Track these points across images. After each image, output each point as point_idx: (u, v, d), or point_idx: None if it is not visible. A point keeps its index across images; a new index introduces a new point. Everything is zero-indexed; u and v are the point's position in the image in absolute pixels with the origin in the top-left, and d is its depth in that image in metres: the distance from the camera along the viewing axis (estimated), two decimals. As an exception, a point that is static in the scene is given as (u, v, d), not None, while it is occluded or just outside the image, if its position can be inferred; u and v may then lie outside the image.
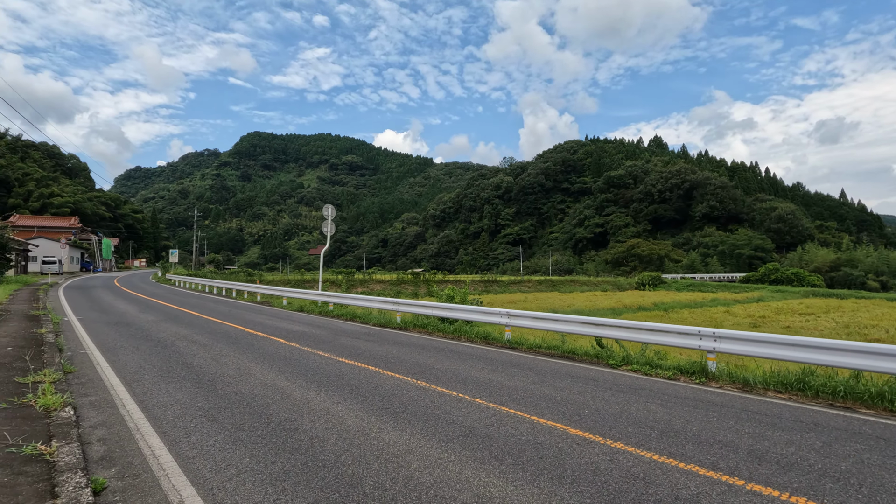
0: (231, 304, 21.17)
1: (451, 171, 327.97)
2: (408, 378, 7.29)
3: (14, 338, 9.47)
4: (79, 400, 5.80)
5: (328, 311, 16.85)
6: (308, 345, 10.23)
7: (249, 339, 10.97)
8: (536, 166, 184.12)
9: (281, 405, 5.75)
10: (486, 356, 9.43)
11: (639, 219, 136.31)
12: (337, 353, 9.34)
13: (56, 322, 12.72)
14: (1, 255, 28.03)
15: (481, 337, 11.40)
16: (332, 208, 19.43)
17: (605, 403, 6.11)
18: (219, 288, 28.78)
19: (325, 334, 11.94)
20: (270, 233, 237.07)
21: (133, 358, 8.53)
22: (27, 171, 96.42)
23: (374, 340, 11.09)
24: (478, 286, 64.70)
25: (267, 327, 13.09)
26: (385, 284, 57.94)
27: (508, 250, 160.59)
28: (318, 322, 14.61)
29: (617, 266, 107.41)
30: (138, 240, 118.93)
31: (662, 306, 38.95)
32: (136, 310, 17.11)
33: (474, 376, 7.53)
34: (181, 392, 6.29)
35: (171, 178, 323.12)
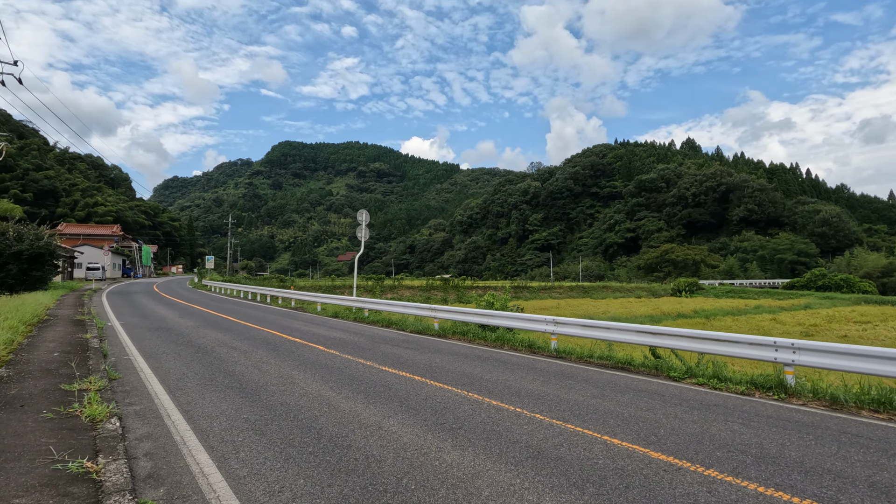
0: (266, 309, 21.26)
1: (478, 177, 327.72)
2: (457, 389, 6.86)
3: (60, 343, 9.53)
4: (124, 409, 5.61)
5: (363, 318, 16.63)
6: (348, 352, 9.94)
7: (288, 345, 10.78)
8: (565, 171, 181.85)
9: (329, 418, 5.41)
10: (534, 366, 8.92)
11: (672, 223, 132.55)
12: (379, 361, 9.01)
13: (100, 327, 12.88)
14: (49, 262, 29.09)
15: (526, 345, 10.88)
16: (366, 213, 19.29)
17: (680, 422, 5.53)
18: (253, 294, 29.11)
19: (363, 341, 11.65)
20: (300, 240, 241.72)
21: (175, 365, 8.40)
22: (74, 182, 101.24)
23: (414, 348, 10.73)
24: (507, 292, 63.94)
25: (304, 333, 12.92)
26: (415, 290, 57.86)
27: (536, 256, 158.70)
28: (355, 328, 14.37)
29: (650, 272, 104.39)
30: (175, 247, 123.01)
31: (703, 313, 37.36)
32: (175, 315, 17.31)
33: (527, 388, 7.04)
34: (225, 402, 6.05)
35: (207, 187, 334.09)
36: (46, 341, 9.72)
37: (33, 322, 12.06)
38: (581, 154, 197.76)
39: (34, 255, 27.40)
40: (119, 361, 8.62)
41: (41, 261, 28.26)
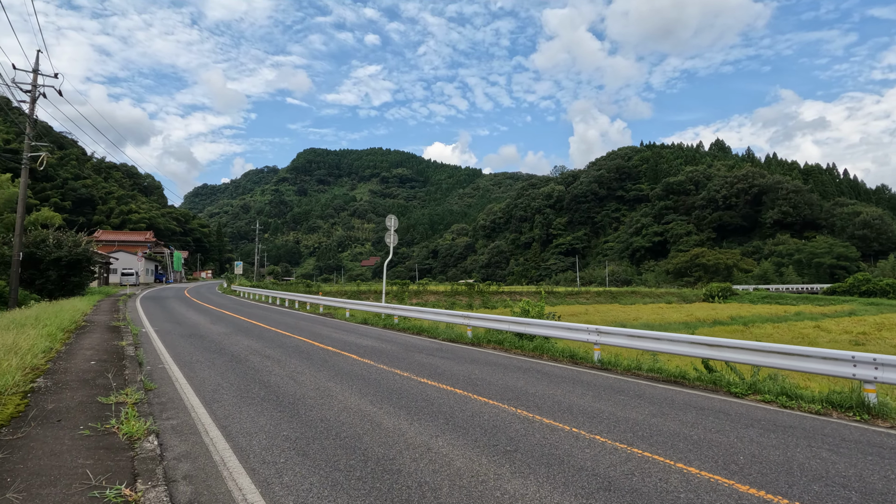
0: (294, 315, 21.23)
1: (500, 181, 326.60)
2: (504, 405, 6.44)
3: (97, 350, 9.50)
4: (161, 424, 5.39)
5: (393, 325, 16.35)
6: (383, 362, 9.63)
7: (321, 354, 10.54)
8: (589, 174, 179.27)
9: (374, 437, 5.07)
10: (579, 378, 8.42)
11: (702, 226, 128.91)
12: (415, 372, 8.65)
13: (135, 333, 12.93)
14: (86, 268, 29.89)
15: (567, 356, 10.37)
16: (394, 218, 19.06)
17: (759, 447, 4.98)
18: (281, 299, 29.26)
19: (396, 350, 11.33)
20: (325, 245, 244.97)
21: (210, 374, 8.23)
22: (109, 190, 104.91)
23: (450, 358, 10.34)
24: (534, 297, 63.04)
25: (335, 341, 12.69)
26: (439, 296, 57.56)
27: (561, 260, 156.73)
28: (386, 336, 14.09)
29: (679, 276, 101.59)
30: (205, 252, 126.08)
31: (740, 320, 35.84)
32: (207, 321, 17.37)
33: (578, 404, 6.57)
34: (263, 416, 5.77)
35: (234, 194, 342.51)
36: (83, 349, 9.71)
37: (71, 328, 12.18)
38: (606, 157, 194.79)
39: (72, 261, 28.18)
40: (154, 370, 8.50)
41: (79, 267, 29.06)
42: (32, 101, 24.63)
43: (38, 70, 24.75)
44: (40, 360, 7.62)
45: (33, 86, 24.62)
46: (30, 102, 24.51)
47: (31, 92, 24.58)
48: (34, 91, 24.65)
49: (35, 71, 24.65)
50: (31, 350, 7.68)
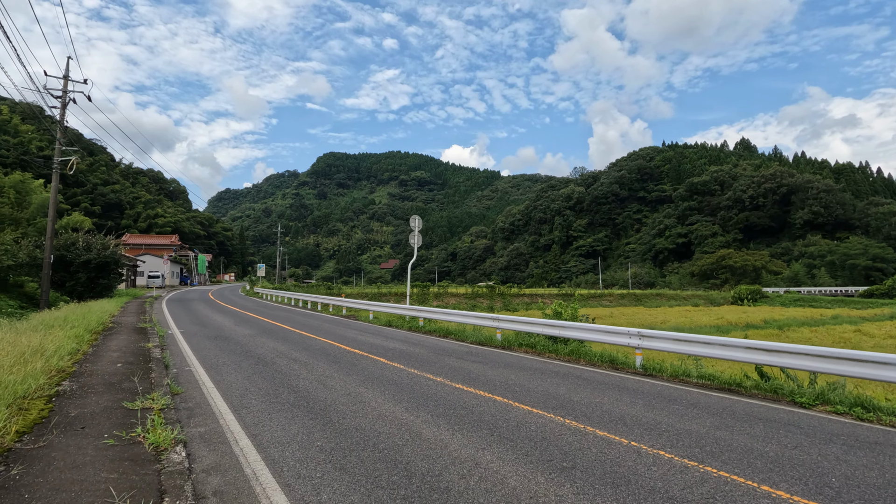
0: (318, 317, 21.05)
1: (519, 183, 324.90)
2: (550, 414, 5.96)
3: (123, 352, 9.34)
4: (188, 431, 5.08)
5: (418, 327, 15.97)
6: (413, 366, 9.23)
7: (349, 357, 10.20)
8: (610, 175, 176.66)
9: (415, 449, 4.66)
10: (623, 385, 7.87)
11: (728, 227, 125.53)
12: (449, 377, 8.22)
13: (161, 335, 12.83)
14: (114, 271, 30.36)
15: (606, 360, 9.81)
16: (418, 219, 18.72)
17: (850, 467, 4.40)
18: (304, 301, 29.21)
19: (425, 353, 10.93)
20: (344, 248, 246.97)
21: (237, 378, 7.94)
22: (137, 195, 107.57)
23: (482, 362, 9.89)
24: (555, 300, 62.07)
25: (362, 344, 12.36)
26: (460, 298, 57.12)
27: (581, 263, 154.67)
28: (412, 339, 13.70)
29: (705, 279, 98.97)
30: (228, 255, 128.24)
31: (775, 324, 34.46)
32: (231, 323, 17.28)
33: (630, 414, 6.04)
34: (294, 424, 5.42)
35: (256, 198, 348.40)
36: (110, 350, 9.57)
37: (98, 330, 12.13)
38: (627, 157, 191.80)
39: (101, 263, 28.64)
40: (180, 373, 8.26)
41: (107, 269, 29.53)
42: (63, 107, 25.12)
43: (69, 76, 25.24)
44: (66, 363, 7.45)
45: (64, 91, 25.11)
46: (60, 108, 25.00)
47: (62, 97, 25.07)
48: (64, 97, 25.13)
49: (65, 77, 25.14)
50: (58, 352, 7.52)
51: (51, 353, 7.11)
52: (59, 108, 25.01)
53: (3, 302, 27.44)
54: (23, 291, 31.35)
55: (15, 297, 29.74)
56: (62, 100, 25.10)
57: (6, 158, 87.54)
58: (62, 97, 25.13)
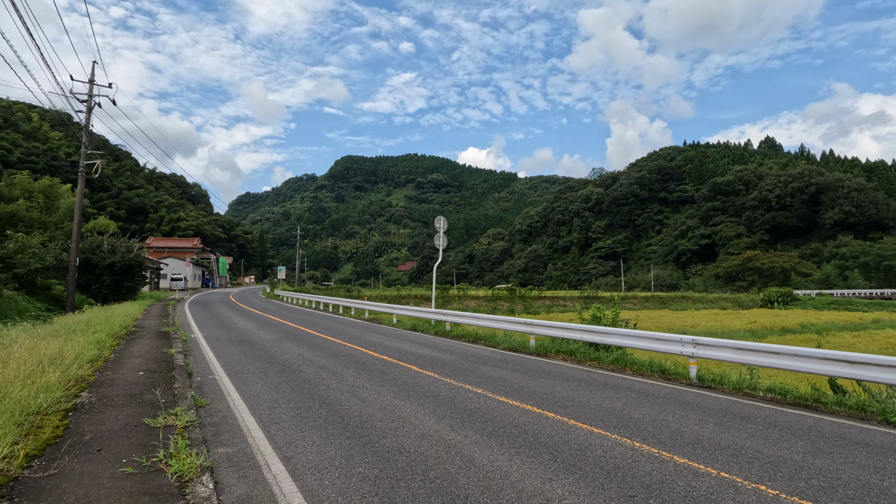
0: (340, 320, 20.63)
1: (536, 185, 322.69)
2: (614, 435, 5.28)
3: (146, 359, 8.95)
4: (215, 453, 4.56)
5: (445, 332, 15.37)
6: (448, 375, 8.62)
7: (378, 364, 9.65)
8: (629, 175, 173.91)
9: (470, 479, 4.04)
10: (682, 398, 7.14)
11: (753, 228, 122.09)
12: (489, 388, 7.59)
13: (184, 340, 12.49)
14: (138, 273, 30.53)
15: (657, 370, 9.06)
16: (443, 220, 18.14)
17: None
18: (325, 304, 28.90)
19: (457, 361, 10.31)
20: (362, 250, 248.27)
21: (264, 388, 7.45)
22: (160, 199, 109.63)
23: (520, 371, 9.23)
24: (577, 303, 60.82)
25: (390, 350, 11.80)
26: (480, 300, 56.40)
27: (601, 265, 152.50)
28: (441, 344, 13.11)
29: (730, 281, 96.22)
30: (248, 258, 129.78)
31: (812, 328, 32.92)
32: (254, 327, 16.93)
33: (706, 436, 5.33)
34: (330, 445, 4.86)
35: (275, 201, 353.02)
36: (132, 356, 9.20)
37: (121, 334, 11.83)
38: (647, 158, 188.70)
39: (125, 266, 28.80)
40: (205, 382, 7.81)
41: (131, 272, 29.70)
42: (88, 111, 25.29)
43: (94, 80, 25.42)
44: (86, 371, 7.05)
45: (89, 95, 25.27)
46: (86, 112, 25.19)
47: (87, 101, 25.24)
48: (90, 101, 25.30)
49: (91, 81, 25.31)
50: (78, 359, 7.13)
51: (70, 362, 6.71)
52: (85, 112, 25.20)
53: (30, 304, 27.77)
54: (50, 294, 31.76)
55: (42, 300, 30.12)
56: (88, 104, 25.28)
57: (36, 164, 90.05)
58: (88, 101, 25.31)
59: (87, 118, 25.22)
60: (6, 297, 24.91)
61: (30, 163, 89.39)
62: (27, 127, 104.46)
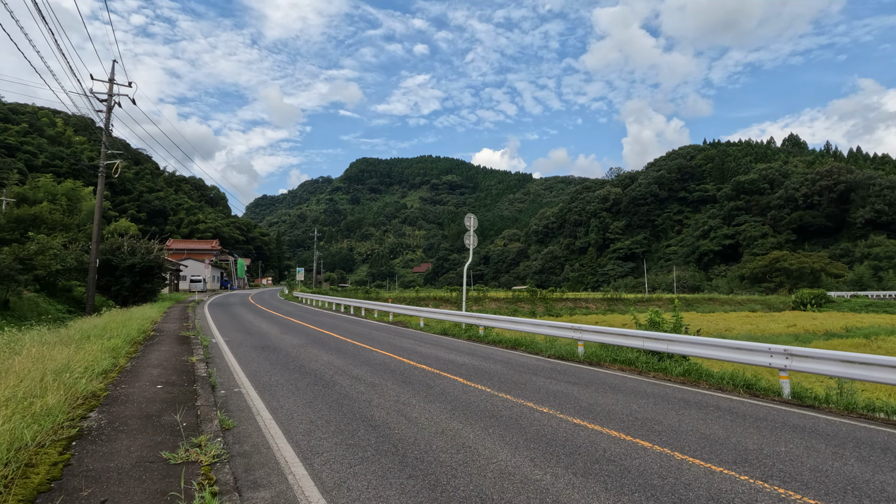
0: (363, 323, 19.74)
1: (552, 185, 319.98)
2: (749, 479, 4.19)
3: (165, 368, 8.10)
4: (250, 498, 3.61)
5: (478, 336, 14.34)
6: (501, 388, 7.59)
7: (419, 375, 8.66)
8: (648, 175, 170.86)
9: (591, 548, 3.01)
10: (790, 422, 6.00)
11: (779, 228, 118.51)
12: (554, 406, 6.54)
13: (205, 345, 11.68)
14: (158, 275, 30.15)
15: (740, 385, 7.89)
16: (473, 218, 17.12)
17: None
18: (346, 306, 28.10)
19: (504, 371, 9.27)
20: (377, 252, 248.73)
21: (296, 404, 6.52)
22: (179, 202, 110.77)
23: (580, 384, 8.16)
24: (600, 304, 59.26)
25: (426, 357, 10.82)
26: (500, 302, 55.25)
27: (619, 266, 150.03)
28: (478, 350, 12.08)
29: (756, 282, 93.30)
30: (265, 260, 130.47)
31: (859, 332, 31.00)
32: (277, 331, 16.12)
33: (862, 479, 4.21)
34: (391, 488, 3.87)
35: (292, 203, 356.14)
36: (150, 365, 8.36)
37: (139, 340, 11.07)
38: (666, 157, 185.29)
39: (145, 268, 28.41)
40: (230, 396, 6.91)
41: (151, 274, 29.31)
42: (108, 110, 24.91)
43: (114, 80, 25.04)
44: (98, 385, 6.21)
45: (109, 95, 24.90)
46: (106, 111, 24.82)
47: (108, 101, 24.86)
48: (110, 100, 24.93)
49: (111, 80, 24.94)
50: (88, 371, 6.30)
51: (78, 375, 5.87)
52: (105, 111, 24.83)
53: (51, 306, 27.53)
54: (71, 296, 31.56)
55: (63, 302, 29.90)
56: (108, 103, 24.90)
57: (60, 168, 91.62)
58: (108, 101, 24.93)
59: (107, 118, 24.84)
60: (26, 299, 24.62)
61: (54, 167, 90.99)
62: (52, 132, 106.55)
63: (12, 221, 37.52)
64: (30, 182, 68.93)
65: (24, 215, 39.17)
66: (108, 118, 24.95)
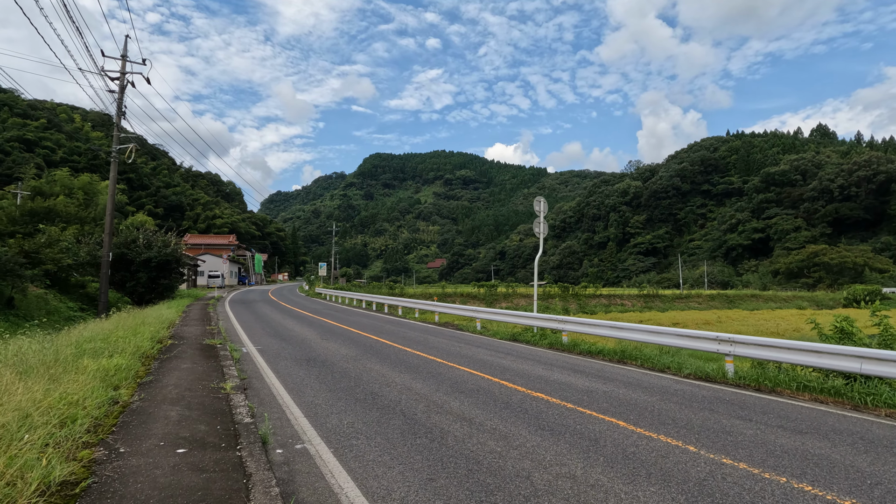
0: (408, 325, 17.18)
1: (567, 179, 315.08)
2: None
3: (188, 407, 5.55)
4: None
5: (563, 345, 11.66)
6: (694, 439, 4.91)
7: (552, 414, 6.00)
8: (669, 168, 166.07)
9: None
10: None
11: (813, 221, 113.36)
12: (804, 476, 3.86)
13: (236, 358, 9.18)
14: (175, 270, 28.01)
15: None
16: (543, 201, 14.40)
17: None
18: (379, 304, 25.61)
19: (658, 403, 6.57)
20: (391, 247, 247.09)
21: (407, 481, 3.92)
22: (196, 197, 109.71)
23: (796, 429, 5.43)
24: (636, 302, 56.11)
25: (526, 377, 8.16)
26: (530, 299, 52.53)
27: (640, 261, 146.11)
28: (582, 366, 9.40)
29: (792, 278, 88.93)
30: (281, 255, 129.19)
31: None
32: (316, 335, 13.60)
33: None
34: None
35: (306, 199, 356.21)
36: (166, 401, 5.82)
37: (152, 353, 8.58)
38: (687, 149, 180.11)
39: (162, 262, 26.27)
40: (293, 464, 4.33)
41: (168, 268, 27.17)
42: (121, 90, 22.67)
43: (127, 56, 22.80)
44: (80, 448, 3.69)
45: (122, 73, 22.66)
46: (118, 91, 22.59)
47: (120, 80, 22.64)
48: (122, 79, 22.69)
49: (123, 57, 22.70)
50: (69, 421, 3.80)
51: (42, 438, 3.33)
52: (118, 91, 22.61)
53: (62, 304, 25.43)
54: (84, 292, 29.54)
55: (76, 299, 27.85)
56: (120, 82, 22.67)
57: (78, 163, 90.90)
58: (120, 79, 22.70)
59: (119, 98, 22.61)
60: (34, 297, 22.51)
61: (72, 162, 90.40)
62: (70, 128, 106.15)
63: (26, 214, 35.79)
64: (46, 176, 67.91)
65: (38, 208, 37.41)
66: (120, 98, 22.71)
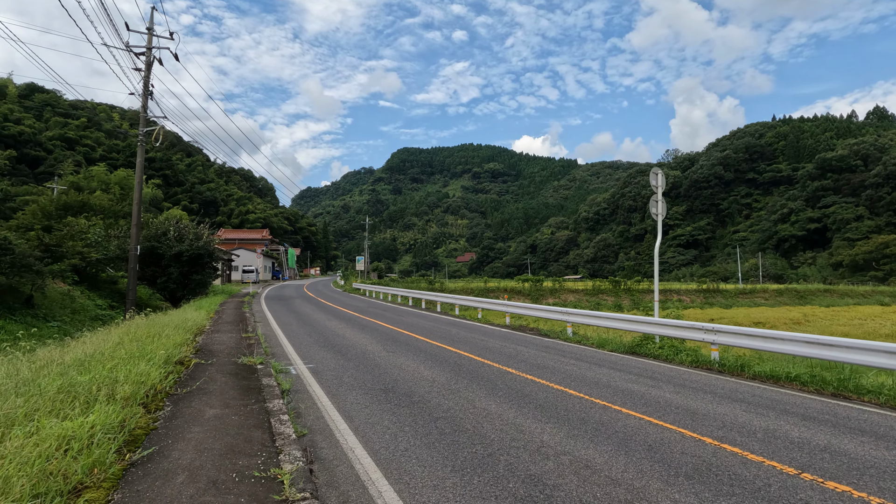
0: (477, 328, 14.34)
1: (598, 171, 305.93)
2: None
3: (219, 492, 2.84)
4: None
5: (710, 363, 8.61)
6: None
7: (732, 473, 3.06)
8: (710, 156, 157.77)
9: None
10: None
11: (877, 209, 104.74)
12: None
13: (284, 390, 6.50)
14: (208, 265, 26.03)
15: None
16: (661, 174, 11.29)
17: None
18: (430, 302, 22.91)
19: None
20: (420, 242, 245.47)
21: None
22: (230, 193, 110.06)
23: None
24: (695, 297, 51.92)
25: (675, 410, 5.20)
26: (579, 294, 49.16)
27: (680, 254, 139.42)
28: (744, 394, 6.35)
29: (857, 270, 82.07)
30: (312, 250, 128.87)
31: None
32: (378, 346, 10.90)
33: None
34: None
35: (335, 195, 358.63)
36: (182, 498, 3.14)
37: (165, 385, 5.92)
38: (730, 136, 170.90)
39: (194, 256, 24.28)
40: None
41: (201, 263, 25.19)
42: (148, 67, 20.57)
43: (153, 30, 20.65)
44: None
45: (147, 48, 20.54)
46: (145, 68, 20.52)
47: (146, 55, 20.54)
48: (149, 55, 20.57)
49: (149, 30, 20.54)
50: None
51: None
52: (144, 69, 20.53)
53: (90, 301, 23.69)
54: (116, 289, 27.94)
55: (106, 296, 26.20)
56: (146, 58, 20.57)
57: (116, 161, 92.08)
58: (146, 55, 20.59)
59: (146, 76, 20.51)
60: (58, 294, 20.68)
61: (111, 159, 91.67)
62: (109, 126, 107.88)
63: (60, 208, 34.77)
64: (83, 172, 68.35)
65: (73, 202, 36.33)
66: (147, 76, 20.61)
